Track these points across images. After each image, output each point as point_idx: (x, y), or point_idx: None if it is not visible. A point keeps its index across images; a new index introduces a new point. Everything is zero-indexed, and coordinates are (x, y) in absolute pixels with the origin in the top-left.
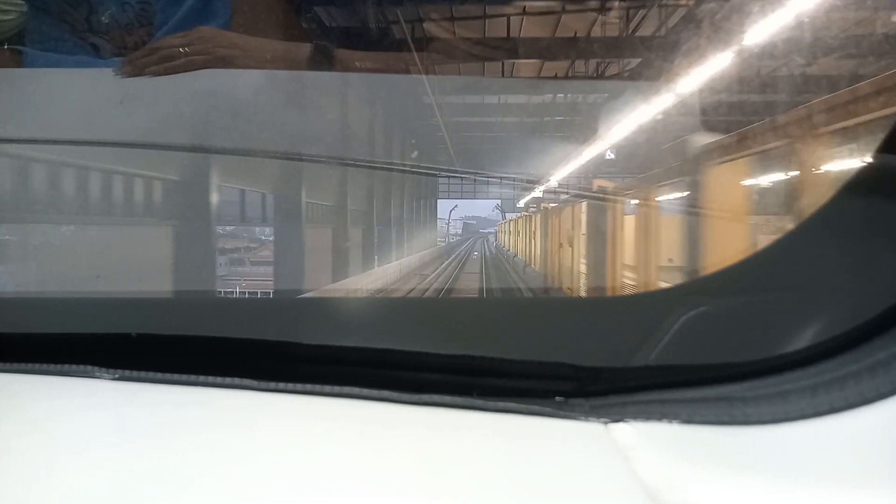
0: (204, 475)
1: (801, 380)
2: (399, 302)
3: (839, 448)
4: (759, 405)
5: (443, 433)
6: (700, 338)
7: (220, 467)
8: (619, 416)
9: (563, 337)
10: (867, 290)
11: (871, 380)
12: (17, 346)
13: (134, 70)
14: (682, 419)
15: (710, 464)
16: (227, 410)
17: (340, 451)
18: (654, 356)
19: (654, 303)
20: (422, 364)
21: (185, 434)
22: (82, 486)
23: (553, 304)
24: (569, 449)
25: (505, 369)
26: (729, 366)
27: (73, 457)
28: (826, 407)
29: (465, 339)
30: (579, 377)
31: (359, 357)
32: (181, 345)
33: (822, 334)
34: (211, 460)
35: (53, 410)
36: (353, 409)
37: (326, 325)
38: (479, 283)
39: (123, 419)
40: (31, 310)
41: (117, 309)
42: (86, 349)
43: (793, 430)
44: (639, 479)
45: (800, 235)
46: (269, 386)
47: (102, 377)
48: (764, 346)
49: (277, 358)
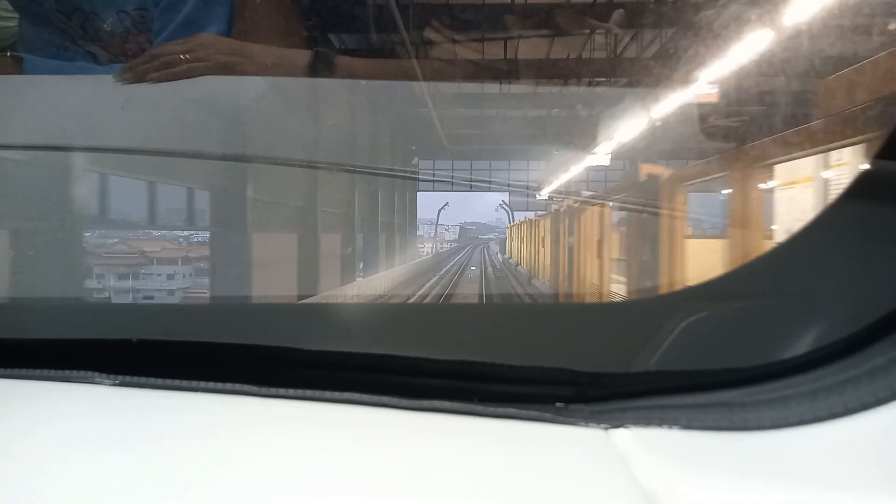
0: (204, 480)
1: (801, 385)
2: (399, 307)
3: (839, 453)
4: (759, 410)
5: (443, 438)
6: (700, 343)
7: (220, 473)
8: (619, 422)
9: (562, 342)
10: (866, 296)
11: (871, 385)
12: (17, 351)
13: (134, 77)
14: (682, 425)
15: (710, 469)
16: (228, 416)
17: (340, 457)
18: (654, 361)
19: (654, 308)
20: (422, 369)
21: (186, 439)
22: (82, 492)
23: (553, 310)
24: (569, 454)
25: (505, 375)
26: (729, 371)
27: (73, 462)
28: (825, 412)
29: (465, 344)
30: (579, 382)
31: (359, 362)
32: (181, 350)
33: (822, 339)
34: (211, 466)
35: (54, 416)
36: (353, 415)
37: (326, 330)
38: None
39: (124, 425)
40: (31, 315)
41: (118, 314)
42: (86, 354)
43: (792, 436)
44: (639, 484)
45: (799, 241)
46: (269, 391)
47: (103, 383)
48: (763, 351)
49: (278, 363)
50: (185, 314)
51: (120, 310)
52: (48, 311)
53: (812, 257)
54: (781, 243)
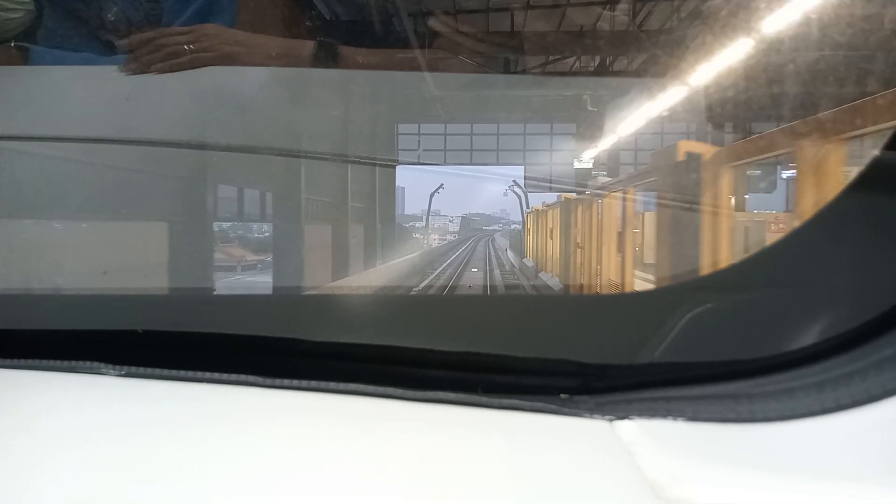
0: (210, 470)
1: (808, 377)
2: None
3: (845, 445)
4: (766, 402)
5: (447, 430)
6: (705, 335)
7: (225, 463)
8: (624, 413)
9: (568, 334)
10: (873, 287)
11: (878, 376)
12: (24, 342)
13: (139, 67)
14: (688, 416)
15: (715, 461)
16: (233, 406)
17: (345, 448)
18: (660, 353)
19: (660, 300)
20: (426, 361)
21: (191, 430)
22: (88, 480)
23: (558, 301)
24: (573, 446)
25: (510, 366)
26: (734, 363)
27: (80, 451)
28: (832, 404)
29: (470, 335)
30: (584, 374)
31: (363, 353)
32: (187, 341)
33: (829, 331)
34: (216, 456)
35: (61, 405)
36: (357, 406)
37: (331, 321)
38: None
39: (129, 414)
40: (38, 306)
41: (124, 305)
42: (92, 345)
43: (799, 427)
44: (644, 475)
45: (806, 232)
46: (274, 382)
47: (109, 373)
48: (770, 342)
49: (283, 354)
50: (191, 305)
51: (126, 301)
52: (55, 303)
53: (819, 248)
54: (788, 235)
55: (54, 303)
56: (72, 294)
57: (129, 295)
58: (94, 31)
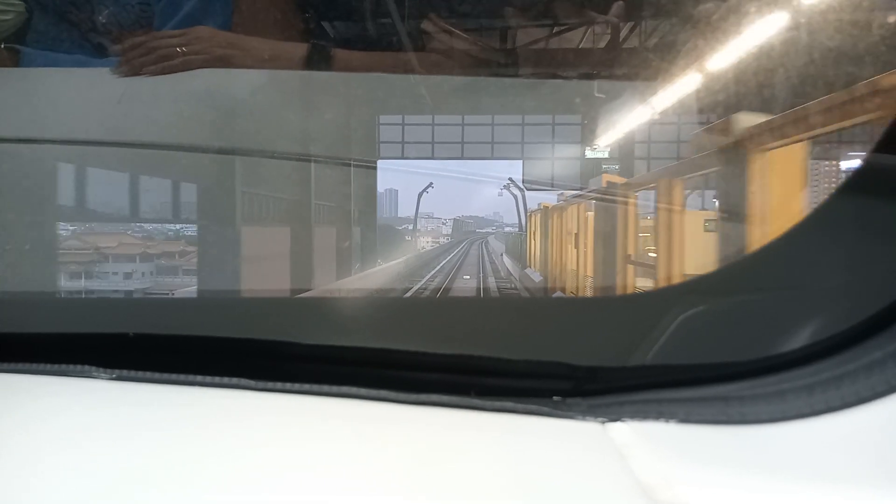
0: (201, 475)
1: (798, 379)
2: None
3: (836, 447)
4: (756, 404)
5: (440, 432)
6: (697, 337)
7: (217, 467)
8: (616, 416)
9: (560, 336)
10: (864, 290)
11: (868, 379)
12: (14, 345)
13: (131, 70)
14: (679, 418)
15: (707, 463)
16: (225, 410)
17: (338, 451)
18: (652, 356)
19: (652, 302)
20: (419, 363)
21: (183, 433)
22: (80, 485)
23: (550, 304)
24: (566, 448)
25: (502, 369)
26: (726, 365)
27: (71, 456)
28: (823, 406)
29: (463, 338)
30: (576, 376)
31: (356, 356)
32: (178, 344)
33: (819, 333)
34: (208, 460)
35: (51, 409)
36: (350, 409)
37: (324, 324)
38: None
39: (121, 418)
40: (28, 309)
41: (114, 308)
42: (83, 349)
43: (790, 430)
44: (636, 478)
45: (797, 235)
46: (266, 385)
47: (100, 377)
48: (761, 345)
49: (275, 357)
50: (182, 308)
51: (116, 304)
52: (45, 306)
53: (810, 251)
54: (779, 237)
55: (44, 306)
56: (61, 297)
57: (120, 298)
58: (86, 33)
